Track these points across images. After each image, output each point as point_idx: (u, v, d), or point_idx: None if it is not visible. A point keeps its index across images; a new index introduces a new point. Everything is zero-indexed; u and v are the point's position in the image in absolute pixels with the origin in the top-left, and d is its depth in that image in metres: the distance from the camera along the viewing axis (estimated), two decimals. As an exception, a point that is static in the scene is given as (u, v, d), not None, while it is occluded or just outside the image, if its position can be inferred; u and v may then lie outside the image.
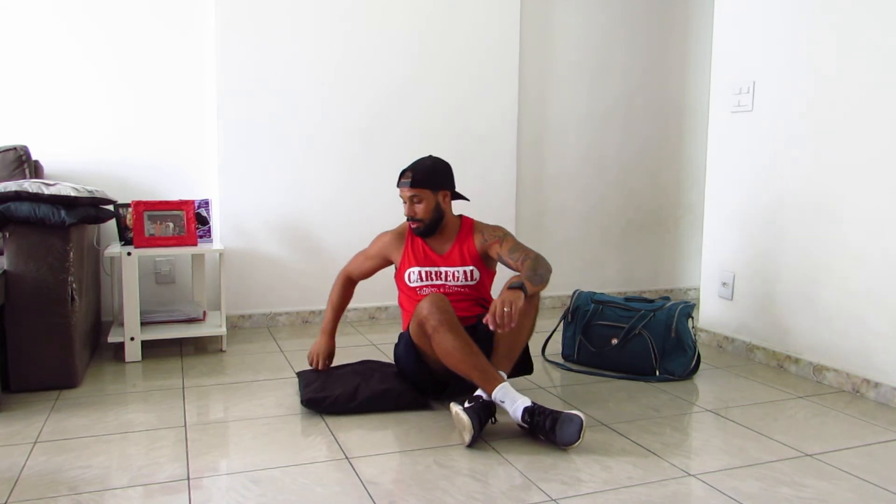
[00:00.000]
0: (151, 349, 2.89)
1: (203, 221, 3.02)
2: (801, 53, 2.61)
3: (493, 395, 1.99)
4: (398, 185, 2.34)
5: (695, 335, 2.63)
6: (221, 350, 2.90)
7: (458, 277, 2.34)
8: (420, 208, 2.30)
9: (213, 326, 2.91)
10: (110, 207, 2.83)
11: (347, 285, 2.52)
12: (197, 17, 3.20)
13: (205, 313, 3.04)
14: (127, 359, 2.73)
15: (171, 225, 2.81)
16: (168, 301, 3.25)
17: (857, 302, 2.42)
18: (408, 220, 2.35)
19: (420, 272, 2.36)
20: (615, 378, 2.57)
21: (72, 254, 2.34)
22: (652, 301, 2.69)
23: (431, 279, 2.35)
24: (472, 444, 1.93)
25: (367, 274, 2.51)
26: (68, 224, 2.29)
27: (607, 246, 4.03)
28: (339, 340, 3.09)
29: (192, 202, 2.86)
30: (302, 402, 2.20)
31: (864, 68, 2.38)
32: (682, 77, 4.09)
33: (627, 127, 3.99)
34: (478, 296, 2.38)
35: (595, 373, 2.62)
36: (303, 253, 3.39)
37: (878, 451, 1.93)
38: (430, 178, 2.29)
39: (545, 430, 1.91)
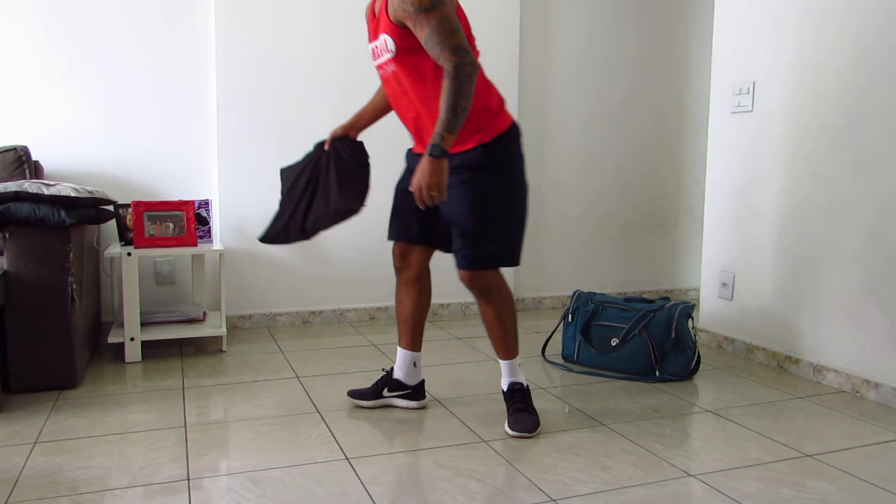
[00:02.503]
0: (151, 350, 2.89)
1: (203, 222, 3.02)
2: (801, 53, 2.61)
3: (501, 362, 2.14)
4: None
5: (695, 335, 2.63)
6: (221, 350, 2.90)
7: (381, 51, 1.96)
8: None
9: (213, 327, 2.91)
10: (110, 208, 2.84)
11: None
12: (197, 17, 3.20)
13: (205, 314, 3.04)
14: (127, 359, 2.73)
15: (171, 225, 2.82)
16: (168, 301, 3.25)
17: (858, 302, 2.42)
18: None
19: (370, 48, 2.04)
20: (615, 378, 2.57)
21: (72, 254, 2.34)
22: (652, 301, 2.69)
23: (375, 56, 2.01)
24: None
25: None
26: (68, 224, 2.29)
27: (607, 246, 4.03)
28: (339, 340, 3.10)
29: (192, 202, 2.86)
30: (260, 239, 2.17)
31: (865, 68, 2.38)
32: (682, 77, 4.08)
33: (627, 127, 3.99)
34: (409, 77, 1.94)
35: (595, 373, 2.62)
36: (303, 254, 3.39)
37: (878, 451, 1.93)
38: None
39: (508, 413, 2.08)
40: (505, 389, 2.13)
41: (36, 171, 2.84)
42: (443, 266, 3.70)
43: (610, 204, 4.00)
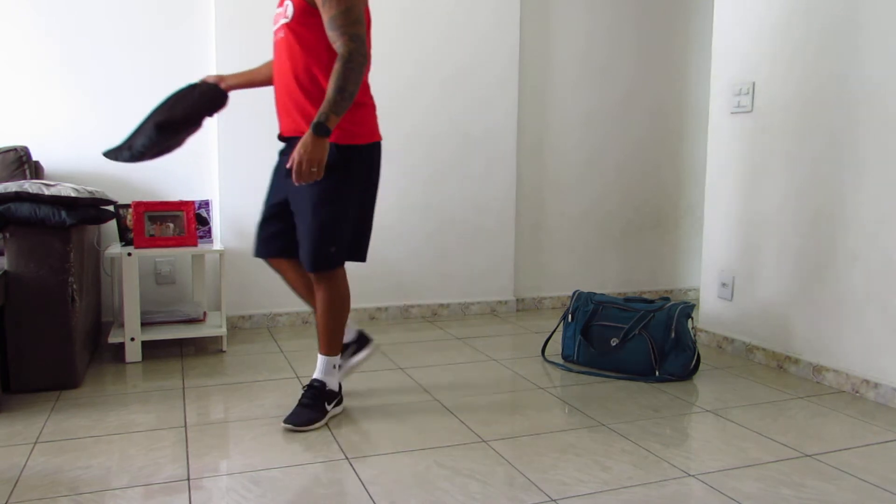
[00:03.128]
0: (152, 350, 2.89)
1: (203, 222, 3.02)
2: (800, 54, 2.61)
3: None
4: None
5: (694, 335, 2.63)
6: (222, 350, 2.90)
7: (280, 17, 2.00)
8: None
9: (214, 327, 2.91)
10: (111, 208, 2.84)
11: None
12: (197, 17, 3.20)
13: (205, 314, 3.04)
14: (127, 359, 2.73)
15: (172, 225, 2.82)
16: (168, 302, 3.25)
17: (857, 302, 2.42)
18: None
19: (273, 15, 2.08)
20: (615, 378, 2.57)
21: (72, 254, 2.34)
22: (652, 301, 2.69)
23: (274, 23, 2.06)
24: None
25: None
26: (69, 225, 2.29)
27: (607, 246, 4.03)
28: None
29: (193, 203, 2.86)
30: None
31: (864, 68, 2.38)
32: (682, 77, 4.09)
33: (627, 127, 3.99)
34: (293, 51, 1.97)
35: (595, 373, 2.62)
36: (303, 253, 3.39)
37: (877, 451, 1.94)
38: None
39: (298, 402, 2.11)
40: (309, 381, 2.15)
41: (36, 171, 2.84)
42: (443, 268, 3.71)
43: (610, 204, 4.00)
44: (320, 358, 2.15)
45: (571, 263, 3.95)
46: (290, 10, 1.95)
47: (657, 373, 2.55)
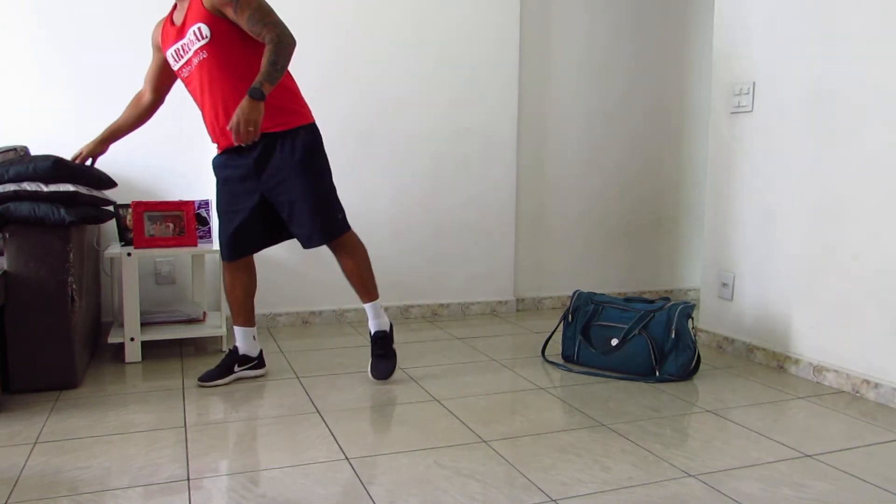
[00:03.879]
0: (151, 350, 2.88)
1: (203, 222, 3.02)
2: (800, 54, 2.60)
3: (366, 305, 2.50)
4: None
5: (694, 335, 2.63)
6: (221, 350, 2.89)
7: (192, 42, 2.20)
8: None
9: (213, 327, 2.91)
10: (110, 208, 2.83)
11: (138, 101, 2.53)
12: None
13: (205, 314, 3.04)
14: (127, 359, 2.73)
15: (171, 225, 2.81)
16: (168, 301, 3.24)
17: (857, 302, 2.42)
18: None
19: (172, 52, 2.29)
20: (615, 379, 2.57)
21: (72, 254, 2.34)
22: (652, 301, 2.69)
23: (180, 56, 2.26)
24: None
25: (158, 76, 2.47)
26: (68, 222, 2.28)
27: (607, 246, 4.03)
28: (339, 340, 3.10)
29: (192, 203, 2.86)
30: None
31: (864, 68, 2.38)
32: (682, 77, 4.09)
33: (627, 127, 3.99)
34: (221, 63, 2.20)
35: (595, 373, 2.62)
36: (302, 253, 3.38)
37: (878, 451, 1.93)
38: None
39: (372, 357, 2.49)
40: (371, 333, 2.50)
41: (36, 171, 2.83)
42: (443, 268, 3.71)
43: (610, 204, 4.00)
44: (369, 306, 2.47)
45: (571, 263, 3.95)
46: (205, 30, 2.17)
47: (657, 373, 2.55)
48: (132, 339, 2.73)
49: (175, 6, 2.32)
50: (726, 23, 2.94)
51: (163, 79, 2.49)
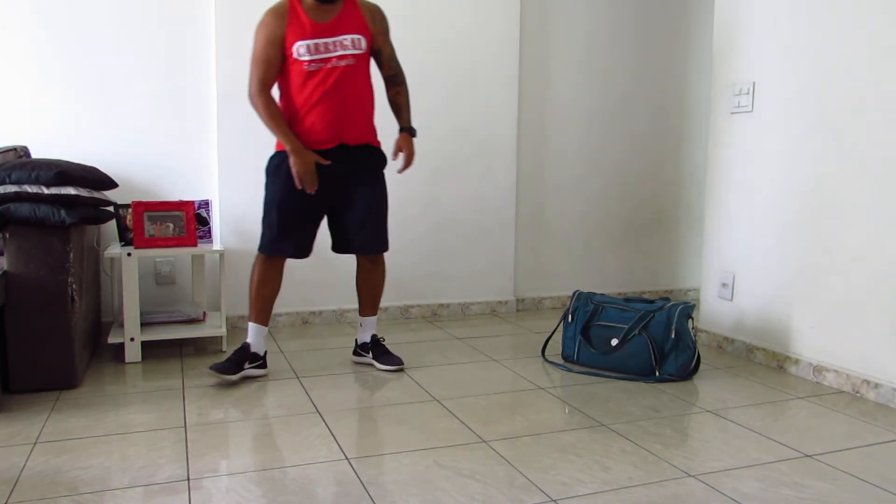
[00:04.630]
0: (151, 350, 2.88)
1: (203, 222, 3.02)
2: (800, 54, 2.60)
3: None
4: None
5: (695, 336, 2.63)
6: (221, 351, 2.89)
7: (346, 45, 2.38)
8: None
9: (213, 327, 2.91)
10: (110, 208, 2.83)
11: (271, 95, 2.43)
12: (197, 17, 3.20)
13: (205, 314, 3.04)
14: (127, 359, 2.73)
15: (171, 226, 2.82)
16: (168, 302, 3.24)
17: (858, 303, 2.42)
18: None
19: (309, 45, 2.35)
20: (615, 379, 2.57)
21: (72, 254, 2.34)
22: (652, 301, 2.69)
23: (319, 52, 2.36)
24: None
25: (277, 68, 2.40)
26: (68, 224, 2.29)
27: (607, 246, 4.03)
28: (339, 340, 3.10)
29: (192, 203, 2.86)
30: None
31: (865, 68, 2.38)
32: (682, 77, 4.09)
33: (627, 127, 3.99)
34: (360, 76, 2.43)
35: (595, 373, 2.62)
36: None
37: (878, 451, 1.93)
38: None
39: (376, 356, 2.67)
40: (368, 340, 2.70)
41: (36, 171, 2.83)
42: (444, 269, 3.71)
43: (610, 204, 4.00)
44: (372, 319, 2.71)
45: (571, 263, 3.95)
46: (363, 43, 2.42)
47: (657, 373, 2.55)
48: (132, 340, 2.73)
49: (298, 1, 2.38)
50: (726, 22, 2.94)
51: (280, 66, 2.41)
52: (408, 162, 2.53)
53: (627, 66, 3.94)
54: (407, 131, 2.54)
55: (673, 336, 2.54)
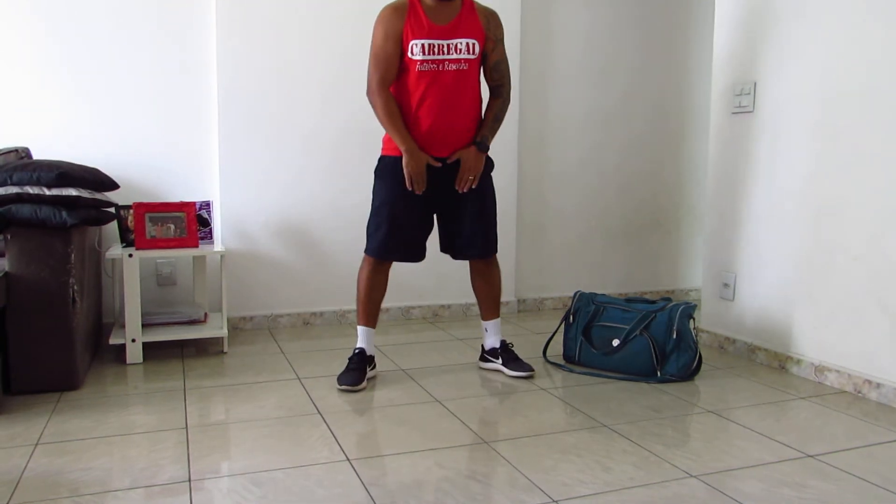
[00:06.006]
0: (152, 351, 2.88)
1: (204, 223, 3.02)
2: (802, 54, 2.60)
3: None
4: None
5: (696, 336, 2.63)
6: (223, 352, 2.90)
7: (459, 49, 2.36)
8: None
9: (215, 328, 2.91)
10: (112, 209, 2.83)
11: (390, 94, 2.40)
12: (197, 19, 3.21)
13: (206, 315, 3.04)
14: (128, 360, 2.73)
15: (173, 227, 2.82)
16: (169, 303, 3.25)
17: (859, 302, 2.42)
18: None
19: (424, 45, 2.34)
20: (617, 379, 2.57)
21: (73, 255, 2.34)
22: (653, 302, 2.69)
23: (433, 53, 2.35)
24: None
25: (396, 64, 2.37)
26: (70, 225, 2.29)
27: (608, 247, 4.03)
28: (340, 341, 3.10)
29: (194, 204, 2.86)
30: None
31: (865, 69, 2.38)
32: (683, 77, 4.08)
33: (628, 127, 3.99)
34: (471, 81, 2.42)
35: (597, 374, 2.62)
36: (304, 254, 3.39)
37: (880, 452, 1.93)
38: None
39: (505, 361, 2.61)
40: (497, 346, 2.65)
41: (37, 172, 2.83)
42: (444, 269, 3.70)
43: (611, 204, 4.00)
44: (496, 322, 2.66)
45: (573, 264, 3.94)
46: (477, 48, 2.39)
47: (659, 373, 2.54)
48: (133, 341, 2.73)
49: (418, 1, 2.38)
50: (727, 22, 2.94)
51: (398, 61, 2.38)
52: (463, 177, 2.42)
53: (627, 66, 3.94)
54: (476, 145, 2.44)
55: (674, 336, 2.53)
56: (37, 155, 2.99)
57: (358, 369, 2.46)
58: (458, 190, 2.44)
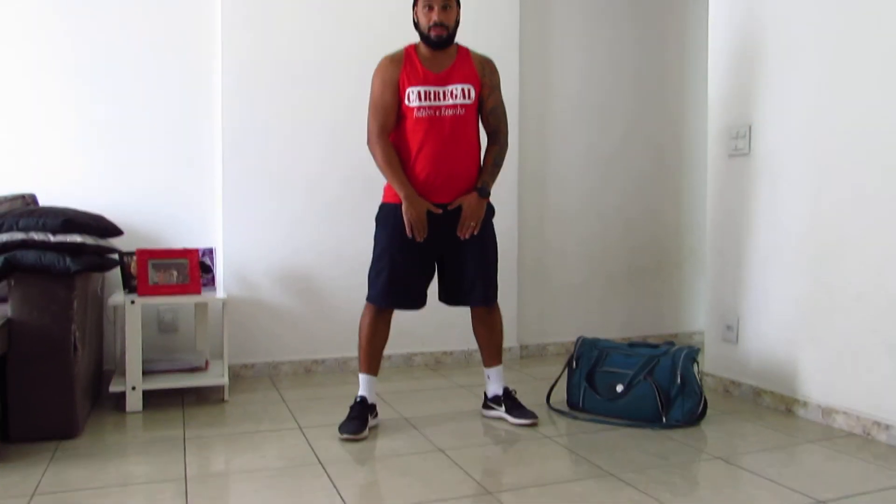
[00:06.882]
0: (153, 399, 2.85)
1: (207, 269, 3.03)
2: (794, 95, 2.64)
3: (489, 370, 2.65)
4: None
5: (700, 380, 2.60)
6: (224, 400, 2.87)
7: (455, 95, 2.42)
8: (450, 14, 2.41)
9: (216, 376, 2.89)
10: (115, 256, 2.84)
11: (390, 141, 2.45)
12: (203, 66, 3.27)
13: (207, 362, 3.02)
14: (128, 409, 2.70)
15: (175, 273, 2.82)
16: (171, 349, 3.23)
17: (863, 343, 2.40)
18: (435, 25, 2.39)
19: (420, 92, 2.40)
20: (622, 426, 2.53)
21: (76, 302, 2.34)
22: (656, 346, 2.67)
23: (430, 99, 2.41)
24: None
25: (395, 112, 2.44)
26: (73, 271, 2.29)
27: (610, 290, 4.02)
28: (342, 389, 3.07)
29: (197, 250, 2.87)
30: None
31: (859, 110, 2.41)
32: (681, 119, 4.14)
33: (627, 170, 4.03)
34: (468, 126, 2.46)
35: (601, 421, 2.59)
36: (306, 301, 3.38)
37: (892, 496, 1.89)
38: None
39: (508, 409, 2.57)
40: (500, 393, 2.60)
41: (42, 220, 2.85)
42: (446, 315, 3.68)
43: (612, 247, 4.01)
44: (499, 369, 2.63)
45: (575, 308, 3.93)
46: (473, 94, 2.45)
47: (664, 419, 2.51)
48: (133, 388, 2.71)
49: (413, 47, 2.48)
50: (720, 67, 3.00)
51: (396, 110, 2.46)
52: (464, 223, 2.43)
53: (625, 108, 4.00)
54: (478, 191, 2.46)
55: (678, 381, 2.51)
56: (43, 201, 3.01)
57: (359, 418, 2.43)
58: (459, 237, 2.45)
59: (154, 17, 3.20)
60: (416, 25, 2.47)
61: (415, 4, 2.46)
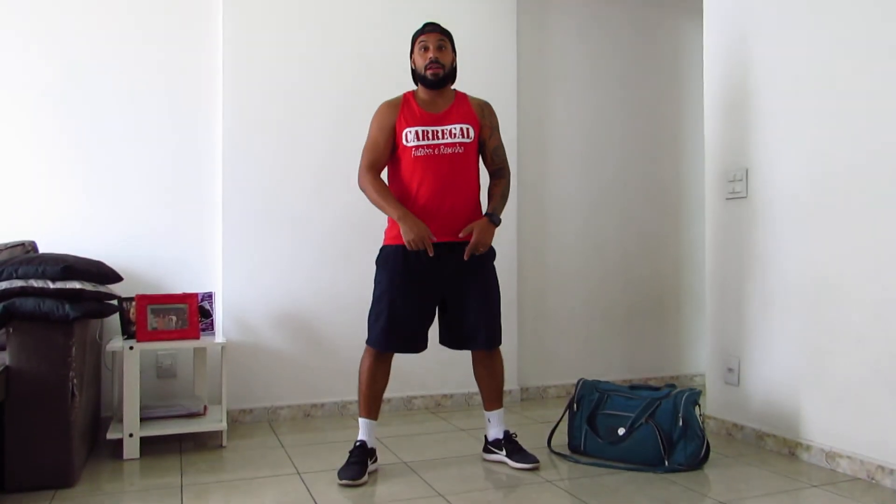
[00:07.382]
0: (150, 445, 2.82)
1: (206, 314, 3.02)
2: (793, 139, 2.68)
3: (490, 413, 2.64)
4: (422, 33, 2.51)
5: (703, 423, 2.58)
6: (221, 446, 2.84)
7: (454, 134, 2.46)
8: (445, 54, 2.48)
9: (214, 422, 2.86)
10: (114, 302, 2.85)
11: (379, 175, 2.51)
12: (203, 111, 3.32)
13: (205, 408, 3.00)
14: (125, 456, 2.67)
15: (174, 318, 2.82)
16: (169, 395, 3.21)
17: (865, 385, 2.39)
18: (431, 63, 2.45)
19: (417, 132, 2.44)
20: (624, 469, 2.51)
21: (74, 349, 2.33)
22: (658, 389, 2.66)
23: (427, 138, 2.44)
24: None
25: (386, 154, 2.50)
26: (72, 318, 2.29)
27: (611, 332, 4.01)
28: (341, 434, 3.04)
29: (196, 295, 2.88)
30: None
31: (854, 151, 2.45)
32: (679, 161, 4.19)
33: (627, 211, 4.06)
34: (468, 165, 2.50)
35: (603, 464, 2.56)
36: (305, 345, 3.37)
37: (899, 543, 1.87)
38: (450, 34, 2.54)
39: (509, 453, 2.55)
40: (501, 436, 2.59)
41: (43, 266, 2.86)
42: (446, 358, 3.68)
43: (611, 288, 4.01)
44: (500, 412, 2.62)
45: (575, 350, 3.92)
46: (472, 133, 2.50)
47: (666, 463, 2.49)
48: (131, 435, 2.68)
49: (412, 93, 2.56)
50: (716, 112, 3.05)
51: (388, 150, 2.52)
52: (473, 246, 2.43)
53: (623, 150, 4.05)
54: (488, 217, 2.49)
55: (680, 424, 2.49)
56: (43, 248, 3.03)
57: (359, 463, 2.41)
58: (464, 258, 2.44)
59: (153, 64, 3.26)
60: (414, 72, 2.54)
61: (412, 53, 2.54)
